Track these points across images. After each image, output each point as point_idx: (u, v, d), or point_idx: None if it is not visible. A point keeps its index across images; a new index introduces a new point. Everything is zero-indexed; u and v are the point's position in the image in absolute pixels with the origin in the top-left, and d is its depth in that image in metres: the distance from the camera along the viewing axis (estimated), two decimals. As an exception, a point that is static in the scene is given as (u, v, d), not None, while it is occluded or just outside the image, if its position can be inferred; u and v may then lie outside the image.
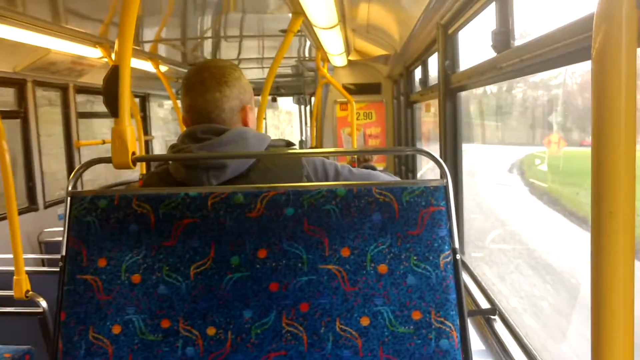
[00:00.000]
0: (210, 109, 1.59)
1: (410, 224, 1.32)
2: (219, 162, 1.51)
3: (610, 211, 0.74)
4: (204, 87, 1.59)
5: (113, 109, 1.41)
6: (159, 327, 1.32)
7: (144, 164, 6.07)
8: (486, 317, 2.18)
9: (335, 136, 6.85)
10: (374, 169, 4.37)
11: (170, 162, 1.62)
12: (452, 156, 2.71)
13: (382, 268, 1.31)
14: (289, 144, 1.69)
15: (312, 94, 8.47)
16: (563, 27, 1.28)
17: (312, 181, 1.57)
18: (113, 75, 1.39)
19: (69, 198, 1.40)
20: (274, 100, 9.74)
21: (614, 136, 0.76)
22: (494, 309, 2.18)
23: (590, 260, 0.78)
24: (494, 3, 1.93)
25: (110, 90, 1.39)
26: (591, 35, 0.79)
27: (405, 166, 5.77)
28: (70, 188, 1.41)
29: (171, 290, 1.33)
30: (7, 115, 4.28)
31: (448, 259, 1.31)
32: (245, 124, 1.64)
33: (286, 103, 11.24)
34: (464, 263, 2.51)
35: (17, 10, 3.05)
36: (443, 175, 1.35)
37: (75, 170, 1.45)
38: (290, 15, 3.21)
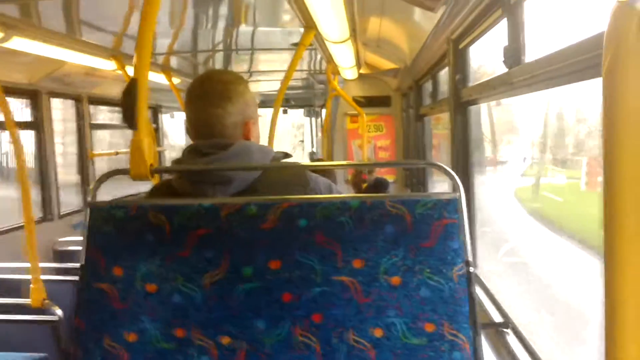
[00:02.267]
0: (212, 124, 1.58)
1: (423, 237, 1.33)
2: (225, 176, 1.52)
3: (621, 225, 0.76)
4: (207, 101, 1.58)
5: (131, 122, 1.44)
6: (173, 336, 1.34)
7: (158, 177, 6.11)
8: (499, 330, 2.17)
9: (345, 148, 6.87)
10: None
11: (172, 176, 1.63)
12: (463, 169, 2.72)
13: (395, 280, 1.32)
14: (287, 155, 1.70)
15: (322, 106, 8.51)
16: (573, 44, 1.30)
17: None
18: (131, 89, 1.42)
19: (88, 209, 1.42)
20: (285, 112, 9.80)
21: (624, 152, 0.78)
22: (507, 323, 2.18)
23: (604, 271, 0.79)
24: (505, 19, 1.96)
25: (128, 103, 1.42)
26: (601, 53, 0.81)
27: (416, 179, 5.77)
28: (90, 199, 1.43)
29: (185, 300, 1.35)
30: (22, 126, 4.34)
31: (461, 272, 1.31)
32: (247, 138, 1.63)
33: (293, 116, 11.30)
34: (476, 276, 2.51)
35: (32, 23, 3.11)
36: (456, 188, 1.36)
37: (95, 182, 1.47)
38: (301, 29, 3.25)
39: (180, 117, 9.62)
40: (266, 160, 1.60)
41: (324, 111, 8.10)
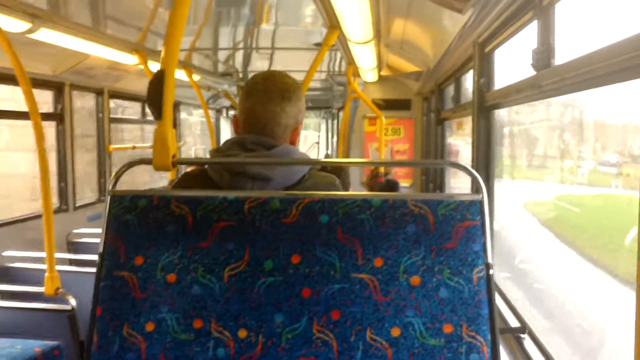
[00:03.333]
0: (266, 120, 1.61)
1: (445, 237, 1.32)
2: (265, 174, 1.54)
3: None
4: (267, 97, 1.61)
5: (157, 112, 1.44)
6: (192, 326, 1.33)
7: (174, 170, 6.14)
8: (516, 335, 2.15)
9: (362, 151, 6.85)
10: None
11: (207, 165, 1.64)
12: (485, 172, 2.70)
13: (415, 280, 1.31)
14: (324, 169, 1.71)
15: (341, 109, 8.50)
16: (613, 44, 1.27)
17: None
18: (159, 79, 1.43)
19: (109, 197, 1.43)
20: None
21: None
22: (524, 328, 2.15)
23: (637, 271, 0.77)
24: (535, 21, 1.93)
25: (155, 94, 1.43)
26: None
27: (433, 183, 5.74)
28: (110, 187, 1.44)
29: (205, 291, 1.35)
30: (45, 117, 4.38)
31: (481, 274, 1.31)
32: (293, 142, 1.67)
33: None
34: None
35: (60, 15, 3.14)
36: (478, 189, 1.35)
37: (117, 170, 1.48)
38: (323, 28, 3.24)
39: (199, 114, 9.69)
40: (306, 169, 1.62)
41: (341, 113, 8.09)
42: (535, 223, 3.56)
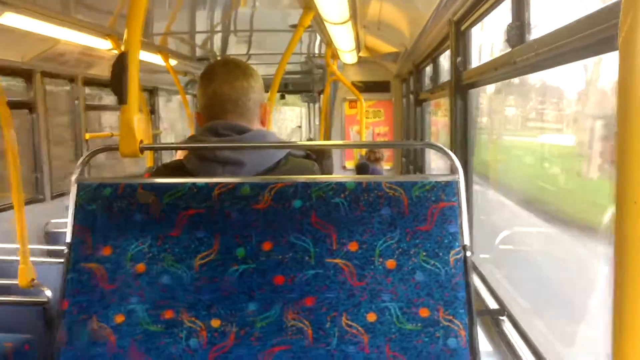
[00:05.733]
0: (237, 96, 1.59)
1: (420, 219, 1.30)
2: (236, 158, 1.51)
3: (635, 201, 0.71)
4: (232, 76, 1.60)
5: (120, 96, 1.39)
6: (162, 317, 1.30)
7: (152, 157, 6.07)
8: (494, 317, 2.14)
9: (343, 134, 6.82)
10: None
11: (186, 155, 1.61)
12: (462, 152, 2.69)
13: (391, 263, 1.29)
14: (308, 156, 1.68)
15: (321, 92, 8.45)
16: (584, 17, 1.24)
17: None
18: (121, 62, 1.38)
19: (75, 185, 1.38)
20: (282, 97, 9.71)
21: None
22: (502, 310, 2.15)
23: (614, 251, 0.75)
24: (509, -2, 1.90)
25: (117, 77, 1.38)
26: (616, 24, 0.76)
27: (414, 165, 5.74)
28: (76, 176, 1.39)
29: (175, 281, 1.32)
30: (15, 105, 4.27)
31: (458, 256, 1.29)
32: (263, 122, 1.66)
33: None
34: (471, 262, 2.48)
35: None
36: (454, 170, 1.33)
37: (82, 158, 1.43)
38: (301, 10, 3.18)
39: (177, 100, 9.56)
40: (282, 154, 1.58)
41: (321, 97, 8.04)
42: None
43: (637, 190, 0.72)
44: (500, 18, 2.15)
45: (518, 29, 1.78)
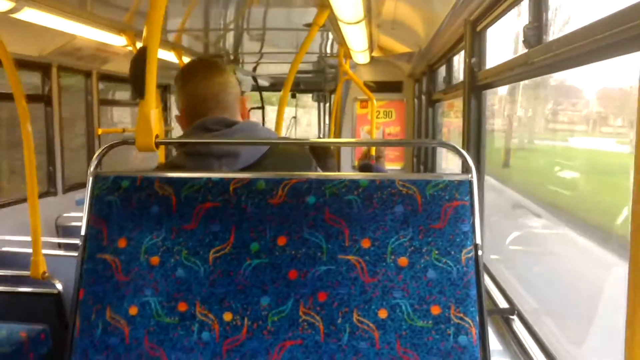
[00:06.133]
0: (217, 92, 1.64)
1: (433, 218, 1.31)
2: (232, 150, 1.54)
3: None
4: (210, 73, 1.66)
5: (139, 90, 1.40)
6: (176, 310, 1.31)
7: (163, 153, 6.10)
8: (504, 316, 2.14)
9: (354, 134, 6.81)
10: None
11: (175, 154, 1.65)
12: (475, 153, 2.68)
13: (403, 261, 1.30)
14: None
15: (332, 91, 8.44)
16: (606, 17, 1.24)
17: None
18: (141, 56, 1.39)
19: (91, 178, 1.40)
20: (294, 96, 9.71)
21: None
22: (513, 309, 2.15)
23: (630, 252, 0.75)
24: (527, -1, 1.90)
25: (137, 71, 1.39)
26: None
27: (424, 166, 5.72)
28: (92, 168, 1.41)
29: (189, 274, 1.33)
30: (31, 99, 4.31)
31: (470, 255, 1.29)
32: (243, 114, 1.71)
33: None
34: None
35: None
36: (468, 169, 1.33)
37: (99, 151, 1.45)
38: (315, 9, 3.19)
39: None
40: (272, 138, 1.66)
41: (332, 96, 8.04)
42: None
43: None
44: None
45: (536, 29, 1.78)
